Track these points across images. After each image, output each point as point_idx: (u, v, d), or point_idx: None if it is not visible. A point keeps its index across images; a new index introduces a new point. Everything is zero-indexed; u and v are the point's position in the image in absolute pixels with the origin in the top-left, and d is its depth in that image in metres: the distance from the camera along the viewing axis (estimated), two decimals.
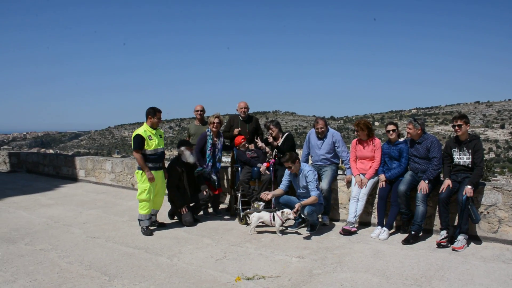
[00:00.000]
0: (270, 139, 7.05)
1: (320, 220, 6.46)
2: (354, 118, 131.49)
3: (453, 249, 5.15)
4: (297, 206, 5.89)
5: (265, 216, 6.06)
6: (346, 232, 5.95)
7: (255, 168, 6.91)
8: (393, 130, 6.11)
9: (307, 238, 5.85)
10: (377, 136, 6.51)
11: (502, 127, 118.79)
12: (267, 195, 6.15)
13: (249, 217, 6.39)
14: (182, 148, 6.66)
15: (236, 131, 7.41)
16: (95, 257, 5.05)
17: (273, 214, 6.03)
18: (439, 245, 5.28)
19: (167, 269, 4.62)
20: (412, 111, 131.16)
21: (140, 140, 6.20)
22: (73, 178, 12.12)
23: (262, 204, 6.57)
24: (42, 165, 13.60)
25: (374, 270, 4.51)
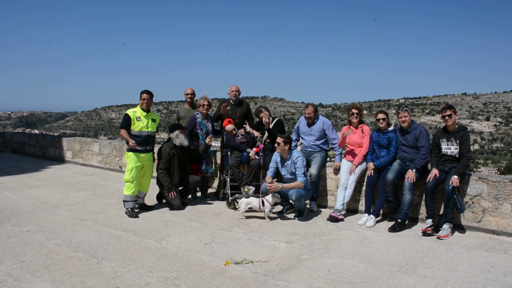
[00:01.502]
0: (266, 120, 7.02)
1: (308, 206, 6.51)
2: (342, 106, 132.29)
3: (438, 238, 5.24)
4: (275, 184, 6.02)
5: (254, 201, 6.09)
6: (333, 219, 6.01)
7: (245, 153, 6.93)
8: (383, 119, 6.15)
9: (295, 224, 5.90)
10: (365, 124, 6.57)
11: (488, 119, 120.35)
12: (274, 185, 6.05)
13: (237, 202, 6.42)
14: (177, 132, 6.62)
15: (223, 108, 7.50)
16: (83, 239, 5.04)
17: (262, 200, 6.06)
18: (425, 233, 5.36)
19: (156, 252, 4.63)
20: (400, 100, 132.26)
21: (125, 119, 6.34)
22: (60, 159, 12.00)
23: (252, 188, 6.62)
24: (28, 145, 13.43)
25: (361, 257, 4.58)
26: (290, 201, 6.17)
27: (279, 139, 6.16)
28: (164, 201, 6.91)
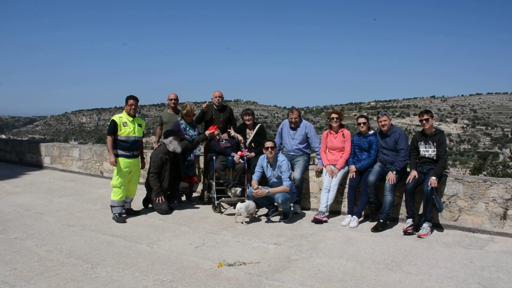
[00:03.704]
0: (235, 134, 7.39)
1: (292, 209, 6.68)
2: (314, 109, 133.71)
3: (419, 236, 5.49)
4: (261, 189, 6.20)
5: (251, 204, 6.20)
6: (317, 221, 6.19)
7: (229, 157, 7.05)
8: (364, 123, 6.38)
9: (281, 226, 6.06)
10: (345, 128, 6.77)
11: (455, 121, 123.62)
12: (260, 191, 6.22)
13: (223, 206, 6.51)
14: (171, 138, 6.70)
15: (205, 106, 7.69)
16: (74, 245, 5.07)
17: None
18: (406, 233, 5.61)
19: (149, 257, 4.71)
20: (371, 103, 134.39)
21: (112, 125, 6.36)
22: (38, 165, 11.83)
23: (239, 189, 6.74)
24: (3, 151, 13.17)
25: (347, 256, 4.78)
26: (275, 204, 6.34)
27: (270, 143, 6.33)
28: (150, 205, 6.97)
